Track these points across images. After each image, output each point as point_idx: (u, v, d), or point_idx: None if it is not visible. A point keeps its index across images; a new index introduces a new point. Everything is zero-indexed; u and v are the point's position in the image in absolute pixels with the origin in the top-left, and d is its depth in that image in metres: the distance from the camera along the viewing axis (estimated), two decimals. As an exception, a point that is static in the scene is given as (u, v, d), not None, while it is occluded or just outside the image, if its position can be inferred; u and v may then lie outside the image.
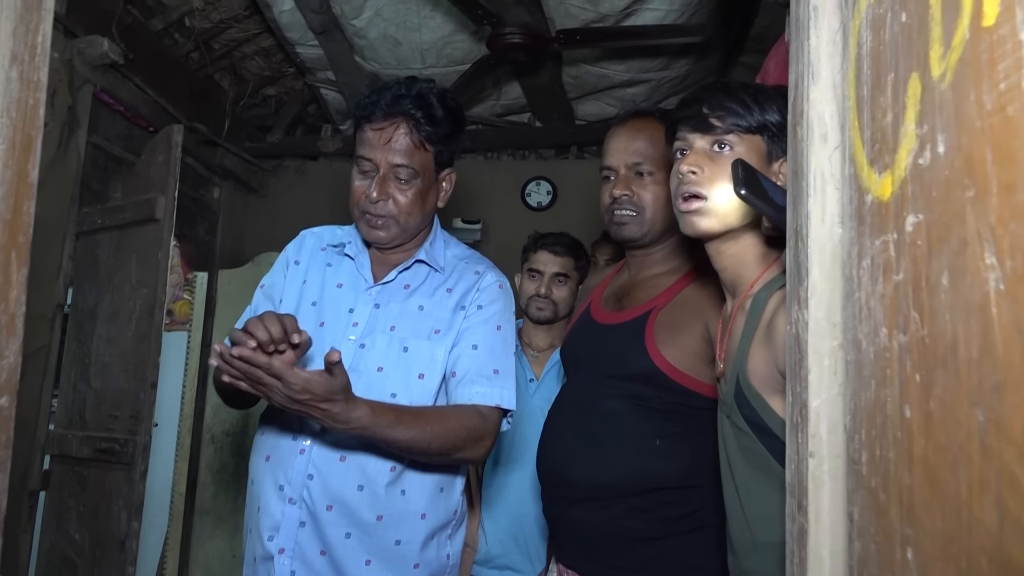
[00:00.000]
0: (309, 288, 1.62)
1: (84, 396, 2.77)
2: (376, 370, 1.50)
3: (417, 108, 1.51)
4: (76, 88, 2.77)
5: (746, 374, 1.09)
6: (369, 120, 1.53)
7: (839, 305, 0.73)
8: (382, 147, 1.51)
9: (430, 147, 1.54)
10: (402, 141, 1.51)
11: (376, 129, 1.52)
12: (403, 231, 1.56)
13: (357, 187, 1.55)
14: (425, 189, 1.56)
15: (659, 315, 1.58)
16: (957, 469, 0.50)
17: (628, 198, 1.65)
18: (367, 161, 1.53)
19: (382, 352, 1.52)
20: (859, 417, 0.67)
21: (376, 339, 1.53)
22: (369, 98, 1.55)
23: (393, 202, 1.53)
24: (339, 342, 1.52)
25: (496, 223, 4.22)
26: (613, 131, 1.74)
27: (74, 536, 2.64)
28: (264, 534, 1.48)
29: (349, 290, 1.60)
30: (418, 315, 1.56)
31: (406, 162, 1.51)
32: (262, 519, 1.49)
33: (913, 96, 0.57)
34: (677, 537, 1.53)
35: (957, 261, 0.50)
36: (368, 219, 1.54)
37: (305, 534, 1.46)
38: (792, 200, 0.81)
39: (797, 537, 0.77)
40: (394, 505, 1.48)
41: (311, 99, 4.18)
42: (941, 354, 0.52)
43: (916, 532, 0.56)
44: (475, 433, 1.47)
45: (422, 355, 1.52)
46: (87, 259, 2.89)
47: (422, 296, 1.58)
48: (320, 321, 1.56)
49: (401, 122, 1.51)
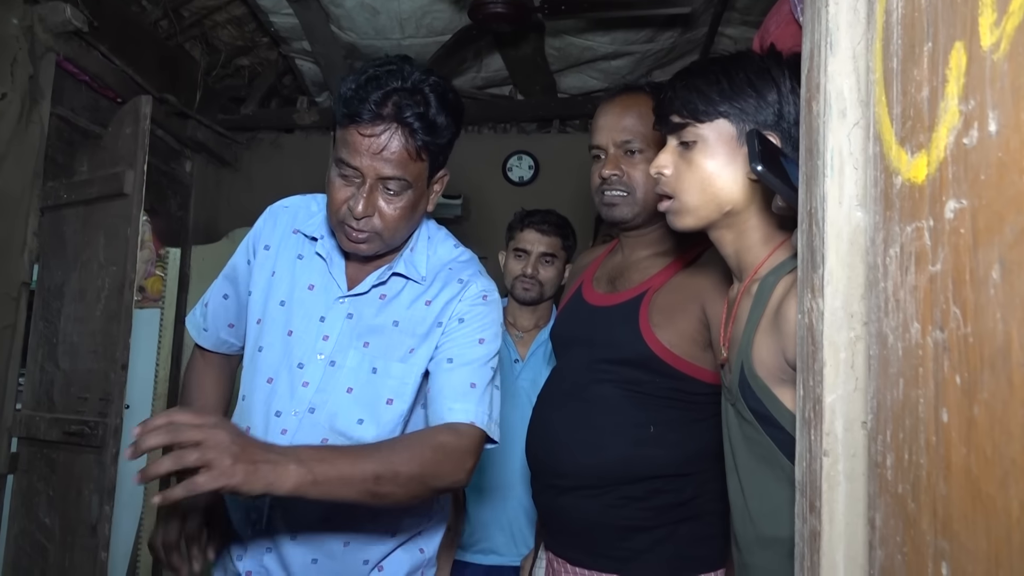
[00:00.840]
0: (278, 283, 1.45)
1: (52, 377, 2.68)
2: (345, 391, 1.37)
3: (414, 115, 1.28)
4: (38, 57, 2.65)
5: (751, 363, 1.04)
6: (356, 121, 1.28)
7: (859, 295, 0.68)
8: (371, 156, 1.28)
9: (426, 156, 1.32)
10: (395, 150, 1.28)
11: (365, 135, 1.28)
12: (387, 245, 1.38)
13: (338, 194, 1.33)
14: (416, 201, 1.36)
15: (654, 297, 1.53)
16: (1007, 484, 0.45)
17: (618, 178, 1.60)
18: (352, 169, 1.30)
19: (353, 371, 1.38)
20: (883, 417, 0.62)
21: (348, 356, 1.39)
22: (356, 92, 1.29)
23: (379, 216, 1.32)
24: (307, 356, 1.39)
25: (477, 198, 4.14)
26: (602, 108, 1.68)
27: (44, 520, 2.57)
28: (234, 552, 1.42)
29: (321, 294, 1.43)
30: (392, 332, 1.40)
31: (399, 174, 1.30)
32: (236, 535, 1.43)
33: (956, 68, 0.52)
34: (671, 526, 1.49)
35: (1011, 254, 0.45)
36: (348, 232, 1.34)
37: (271, 559, 1.40)
38: (805, 180, 0.76)
39: (809, 539, 0.72)
40: (363, 527, 1.39)
41: (286, 70, 4.06)
42: (989, 355, 0.47)
43: (953, 547, 0.51)
44: (451, 453, 1.29)
45: (392, 378, 1.38)
46: (53, 235, 2.78)
47: (398, 308, 1.41)
48: (288, 329, 1.41)
49: (396, 129, 1.28)
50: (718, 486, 1.50)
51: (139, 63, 3.29)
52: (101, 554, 2.36)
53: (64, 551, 2.47)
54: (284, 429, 1.36)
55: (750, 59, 1.16)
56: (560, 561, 1.59)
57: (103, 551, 2.36)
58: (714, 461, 1.52)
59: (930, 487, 0.54)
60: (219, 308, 1.55)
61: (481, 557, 2.23)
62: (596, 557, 1.53)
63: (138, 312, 2.79)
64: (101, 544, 2.36)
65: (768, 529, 1.07)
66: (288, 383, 1.38)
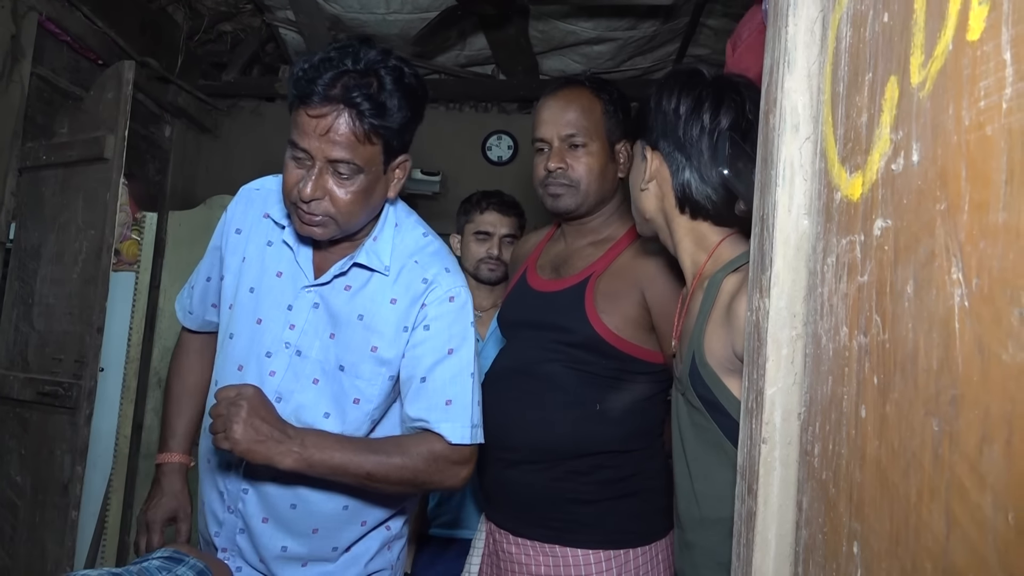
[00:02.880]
0: (248, 268, 1.46)
1: (27, 337, 2.69)
2: (311, 383, 1.41)
3: (363, 96, 1.25)
4: (20, 16, 2.63)
5: (703, 353, 1.11)
6: (305, 103, 1.26)
7: (801, 297, 0.74)
8: (319, 137, 1.26)
9: (377, 139, 1.29)
10: (342, 132, 1.26)
11: (313, 116, 1.26)
12: (343, 230, 1.36)
13: (290, 177, 1.31)
14: (370, 185, 1.33)
15: (598, 283, 1.61)
16: (908, 474, 0.51)
17: (563, 171, 1.68)
18: (301, 151, 1.29)
19: (318, 362, 1.40)
20: (814, 410, 0.68)
21: (314, 346, 1.41)
22: (306, 73, 1.26)
23: (331, 199, 1.30)
24: (274, 345, 1.41)
25: (455, 175, 4.17)
26: (544, 101, 1.74)
27: (15, 479, 2.60)
28: (211, 528, 1.49)
29: (288, 281, 1.43)
30: (357, 326, 1.39)
31: (347, 156, 1.27)
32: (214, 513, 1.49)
33: (890, 100, 0.57)
34: (612, 501, 1.58)
35: (923, 272, 0.51)
36: (300, 215, 1.32)
37: (244, 540, 1.46)
38: (760, 188, 0.82)
39: (746, 519, 0.79)
40: (334, 518, 1.44)
41: (269, 37, 4.04)
42: (900, 360, 0.53)
43: (864, 528, 0.57)
44: (443, 464, 1.37)
45: (359, 378, 1.39)
46: (31, 196, 2.78)
47: (363, 302, 1.40)
48: (257, 317, 1.43)
49: (342, 110, 1.25)
50: (656, 464, 1.60)
51: (121, 25, 3.27)
52: (72, 513, 2.39)
53: (35, 509, 2.50)
54: None
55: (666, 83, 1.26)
56: (502, 532, 1.67)
57: (74, 510, 2.40)
58: (653, 439, 1.62)
59: (848, 474, 0.60)
60: (203, 290, 1.59)
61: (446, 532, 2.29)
62: (538, 528, 1.61)
63: (113, 275, 2.79)
64: (72, 503, 2.39)
65: (712, 511, 1.13)
66: (256, 371, 1.42)
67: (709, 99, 1.18)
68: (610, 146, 1.71)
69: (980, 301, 0.44)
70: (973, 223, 0.45)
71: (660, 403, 1.65)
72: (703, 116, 1.17)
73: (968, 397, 0.45)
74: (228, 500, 1.45)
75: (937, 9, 0.52)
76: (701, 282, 1.18)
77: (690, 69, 1.25)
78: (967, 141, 0.46)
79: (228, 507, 1.45)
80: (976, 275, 0.45)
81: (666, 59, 3.79)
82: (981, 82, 0.45)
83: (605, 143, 1.70)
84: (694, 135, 1.16)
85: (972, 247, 0.45)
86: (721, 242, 1.18)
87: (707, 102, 1.17)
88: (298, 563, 1.45)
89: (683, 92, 1.19)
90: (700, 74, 1.22)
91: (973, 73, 0.46)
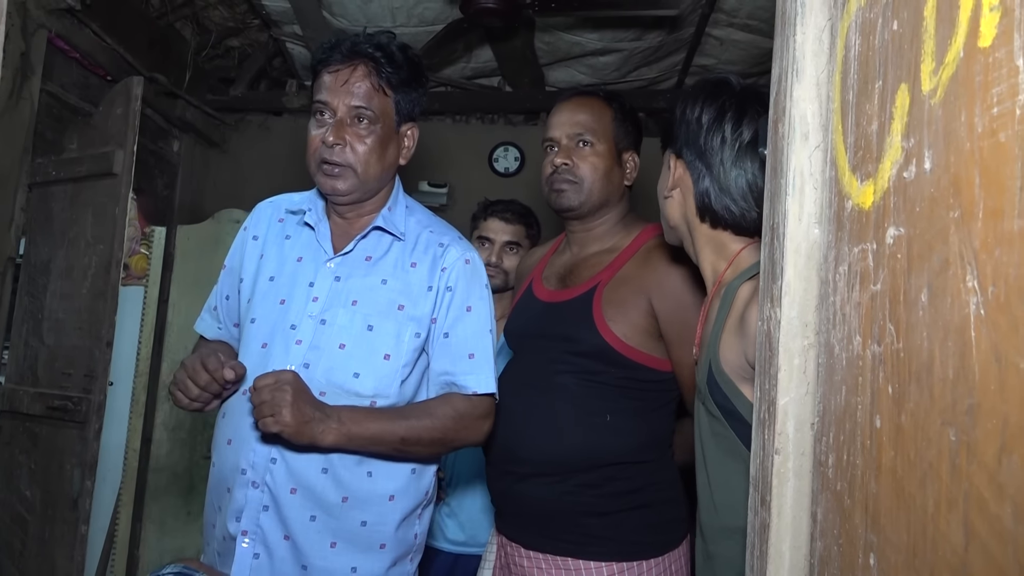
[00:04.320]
0: (267, 263, 1.57)
1: (36, 352, 2.70)
2: (338, 347, 1.47)
3: (377, 49, 1.48)
4: (30, 33, 2.66)
5: (719, 361, 1.11)
6: (327, 64, 1.49)
7: (813, 306, 0.74)
8: (340, 89, 1.46)
9: (390, 92, 1.49)
10: (361, 83, 1.46)
11: (333, 72, 1.47)
12: (362, 183, 1.49)
13: (313, 136, 1.49)
14: (385, 138, 1.50)
15: (604, 291, 1.61)
16: (926, 484, 0.51)
17: (568, 167, 1.70)
18: (323, 105, 1.48)
19: (344, 328, 1.48)
20: (827, 420, 0.68)
21: (337, 314, 1.48)
22: (327, 43, 1.51)
23: (351, 149, 1.47)
24: (299, 318, 1.49)
25: (463, 187, 4.18)
26: (557, 106, 1.79)
27: (25, 493, 2.60)
28: (231, 516, 1.46)
29: (309, 263, 1.54)
30: (381, 289, 1.50)
31: (365, 104, 1.46)
32: (231, 501, 1.46)
33: (901, 107, 0.57)
34: (624, 512, 1.57)
35: (937, 280, 0.50)
36: (325, 168, 1.48)
37: (268, 518, 1.44)
38: (769, 198, 0.81)
39: (759, 530, 0.78)
40: (360, 486, 1.46)
41: (276, 52, 4.07)
42: (915, 370, 0.53)
43: (880, 540, 0.57)
44: (467, 420, 1.47)
45: (387, 334, 1.48)
46: (40, 211, 2.80)
47: (384, 269, 1.52)
48: (280, 298, 1.52)
49: (360, 63, 1.47)
50: (669, 474, 1.59)
51: (130, 42, 3.29)
52: (81, 527, 2.39)
53: (44, 523, 2.50)
54: None
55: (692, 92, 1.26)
56: (514, 545, 1.65)
57: (84, 524, 2.40)
58: (664, 449, 1.61)
59: (863, 485, 0.59)
60: (225, 309, 1.65)
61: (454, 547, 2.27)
62: (551, 541, 1.59)
63: (122, 290, 2.81)
64: (82, 518, 2.40)
65: (732, 520, 1.12)
66: (283, 344, 1.49)
67: (732, 109, 1.18)
68: (617, 152, 1.72)
69: (996, 309, 0.44)
70: (988, 230, 0.45)
71: (670, 412, 1.64)
72: (725, 126, 1.17)
73: (985, 406, 0.44)
74: (253, 474, 1.45)
75: (947, 16, 0.51)
76: (719, 290, 1.17)
77: (717, 79, 1.25)
78: (980, 148, 0.46)
79: (253, 482, 1.44)
80: (992, 283, 0.44)
81: (672, 69, 3.80)
82: (994, 88, 0.45)
83: (612, 147, 1.72)
84: (715, 145, 1.17)
85: (987, 255, 0.45)
86: (741, 251, 1.18)
87: (729, 112, 1.18)
88: (327, 541, 1.44)
89: (707, 101, 1.20)
90: (727, 84, 1.22)
91: (985, 79, 0.46)
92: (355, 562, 1.45)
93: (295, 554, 1.43)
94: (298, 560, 1.43)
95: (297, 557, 1.43)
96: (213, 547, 1.51)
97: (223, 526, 1.48)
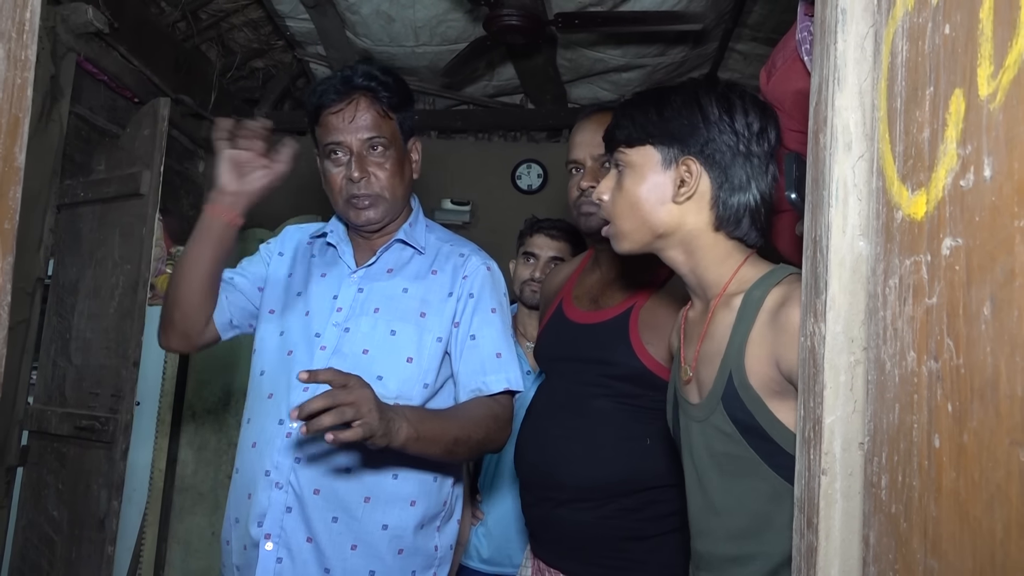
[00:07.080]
0: (295, 280, 1.61)
1: (64, 372, 2.72)
2: (361, 352, 1.49)
3: (369, 79, 1.51)
4: (59, 57, 2.69)
5: (743, 375, 1.06)
6: (326, 106, 1.51)
7: (860, 321, 0.71)
8: (348, 126, 1.50)
9: (392, 114, 1.53)
10: (365, 114, 1.50)
11: (336, 112, 1.50)
12: (391, 206, 1.55)
13: (334, 175, 1.53)
14: (400, 159, 1.55)
15: (641, 313, 1.57)
16: (993, 508, 0.48)
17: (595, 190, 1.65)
18: (337, 145, 1.51)
19: (366, 335, 1.50)
20: (879, 440, 0.65)
21: (360, 322, 1.51)
22: (319, 87, 1.54)
23: (375, 179, 1.51)
24: (323, 327, 1.52)
25: (486, 205, 4.18)
26: (578, 125, 1.76)
27: (52, 513, 2.61)
28: (253, 521, 1.46)
29: (333, 278, 1.59)
30: (402, 297, 1.53)
31: (375, 132, 1.50)
32: (252, 506, 1.46)
33: (955, 114, 0.55)
34: (664, 535, 1.53)
35: (1002, 292, 0.48)
36: (354, 203, 1.52)
37: (291, 520, 1.44)
38: (811, 209, 0.79)
39: (805, 554, 0.75)
40: (383, 488, 1.46)
41: (300, 73, 4.10)
42: (979, 387, 0.50)
43: (942, 566, 0.54)
44: (501, 423, 1.48)
45: (409, 338, 1.50)
46: (69, 232, 2.82)
47: (406, 278, 1.56)
48: (306, 311, 1.56)
49: (357, 96, 1.51)
50: None
51: (156, 64, 3.33)
52: (108, 548, 2.39)
53: (71, 544, 2.50)
54: (305, 387, 1.42)
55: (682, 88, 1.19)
56: (553, 571, 1.62)
57: (110, 545, 2.40)
58: None
59: (921, 508, 0.57)
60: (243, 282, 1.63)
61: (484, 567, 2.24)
62: (591, 567, 1.55)
63: (148, 309, 2.82)
64: (108, 538, 2.39)
65: (749, 546, 1.08)
66: (307, 350, 1.52)
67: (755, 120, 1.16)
68: None
69: (1071, 322, 0.41)
70: (1059, 239, 0.43)
71: None
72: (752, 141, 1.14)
73: (1061, 425, 0.42)
74: (277, 475, 1.45)
75: (1006, 17, 0.49)
76: (725, 301, 1.13)
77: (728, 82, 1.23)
78: (1049, 153, 0.44)
79: (277, 483, 1.44)
80: (1065, 295, 0.42)
81: (695, 85, 3.78)
82: (1063, 91, 0.43)
83: None
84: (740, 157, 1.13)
85: (1059, 265, 0.43)
86: (744, 261, 1.14)
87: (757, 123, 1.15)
88: (348, 543, 1.43)
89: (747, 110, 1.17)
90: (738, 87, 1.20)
91: (1053, 82, 0.44)
92: (373, 566, 1.45)
93: (318, 557, 1.43)
94: (321, 563, 1.43)
95: (320, 560, 1.43)
96: (232, 561, 1.51)
97: (243, 535, 1.47)
